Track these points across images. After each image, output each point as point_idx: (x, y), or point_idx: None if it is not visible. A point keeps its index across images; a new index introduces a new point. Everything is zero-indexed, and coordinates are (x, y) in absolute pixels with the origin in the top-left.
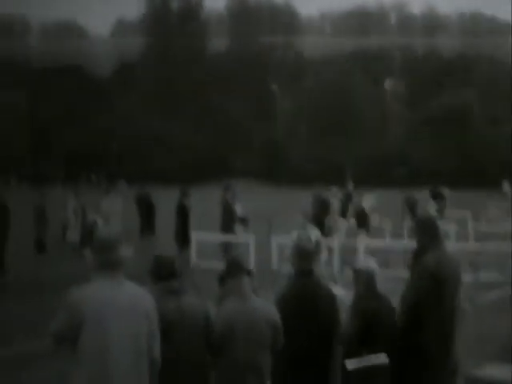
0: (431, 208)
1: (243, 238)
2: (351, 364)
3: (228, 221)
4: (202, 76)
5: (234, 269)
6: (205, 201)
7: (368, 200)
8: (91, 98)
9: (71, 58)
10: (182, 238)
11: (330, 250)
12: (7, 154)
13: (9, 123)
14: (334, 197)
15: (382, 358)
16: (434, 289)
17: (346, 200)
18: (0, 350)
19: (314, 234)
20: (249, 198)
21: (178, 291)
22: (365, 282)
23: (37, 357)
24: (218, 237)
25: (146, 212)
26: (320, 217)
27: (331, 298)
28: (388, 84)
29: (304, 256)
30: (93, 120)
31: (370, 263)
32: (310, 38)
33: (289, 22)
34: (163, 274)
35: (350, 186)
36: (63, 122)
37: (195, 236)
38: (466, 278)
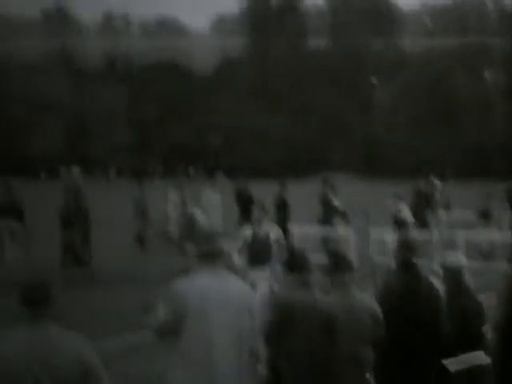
0: None
1: (342, 231)
2: (453, 365)
3: (327, 214)
4: (301, 71)
5: (337, 262)
6: (303, 194)
7: (406, 211)
8: (191, 94)
9: (172, 54)
10: (281, 231)
11: (429, 243)
12: (108, 148)
13: (110, 118)
14: (436, 189)
15: (482, 358)
16: None
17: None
18: (99, 342)
19: (275, 231)
20: (347, 191)
21: (309, 284)
22: (453, 279)
23: (137, 348)
24: (317, 230)
25: (245, 206)
26: (418, 209)
27: (433, 292)
28: (488, 75)
29: (408, 248)
30: (192, 115)
31: (459, 259)
32: (409, 30)
33: (388, 14)
34: (297, 267)
35: (434, 180)
36: (163, 116)
37: (294, 229)
38: None
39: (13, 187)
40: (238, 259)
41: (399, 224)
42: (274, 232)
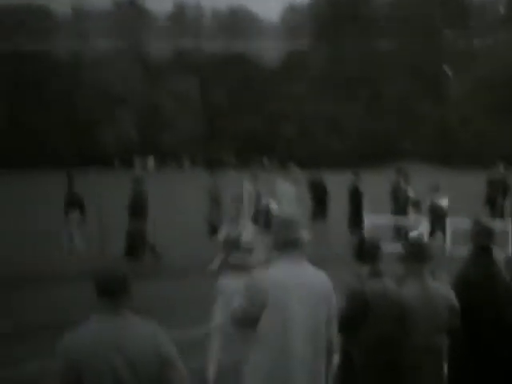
0: None
1: (416, 220)
2: None
3: (400, 203)
4: (372, 60)
5: (415, 252)
6: (376, 184)
7: (444, 200)
8: (262, 83)
9: (243, 44)
10: (355, 221)
11: (504, 232)
12: (180, 137)
13: (182, 108)
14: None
15: None
16: None
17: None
18: (175, 331)
19: (249, 230)
20: (420, 181)
21: (381, 273)
22: None
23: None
24: (391, 220)
25: (319, 196)
26: (493, 197)
27: (507, 278)
28: None
29: (484, 234)
30: (263, 105)
31: None
32: (482, 18)
33: (461, 3)
34: (369, 257)
35: (501, 168)
36: (235, 106)
37: (368, 219)
38: None
39: (74, 179)
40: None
41: (435, 212)
42: (247, 233)
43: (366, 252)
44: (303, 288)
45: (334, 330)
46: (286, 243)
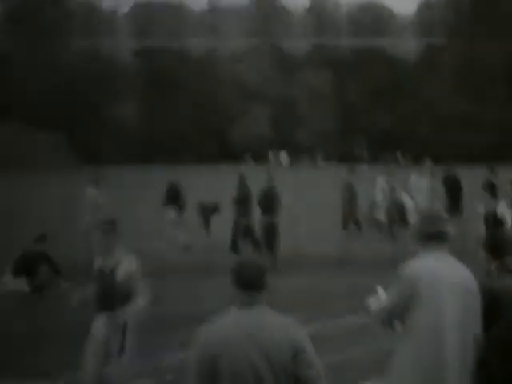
0: None
1: None
2: None
3: None
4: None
5: None
6: None
7: (502, 206)
8: (396, 79)
9: (378, 40)
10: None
11: None
12: (315, 134)
13: (317, 104)
14: None
15: None
16: None
17: None
18: (314, 324)
19: (127, 264)
20: None
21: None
22: None
23: (360, 329)
24: None
25: (453, 191)
26: None
27: None
28: None
29: None
30: (398, 101)
31: None
32: None
33: None
34: (499, 252)
35: None
36: (368, 101)
37: (506, 215)
38: None
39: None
40: None
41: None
42: (125, 265)
43: (496, 247)
44: (454, 280)
45: (479, 325)
46: (431, 236)
